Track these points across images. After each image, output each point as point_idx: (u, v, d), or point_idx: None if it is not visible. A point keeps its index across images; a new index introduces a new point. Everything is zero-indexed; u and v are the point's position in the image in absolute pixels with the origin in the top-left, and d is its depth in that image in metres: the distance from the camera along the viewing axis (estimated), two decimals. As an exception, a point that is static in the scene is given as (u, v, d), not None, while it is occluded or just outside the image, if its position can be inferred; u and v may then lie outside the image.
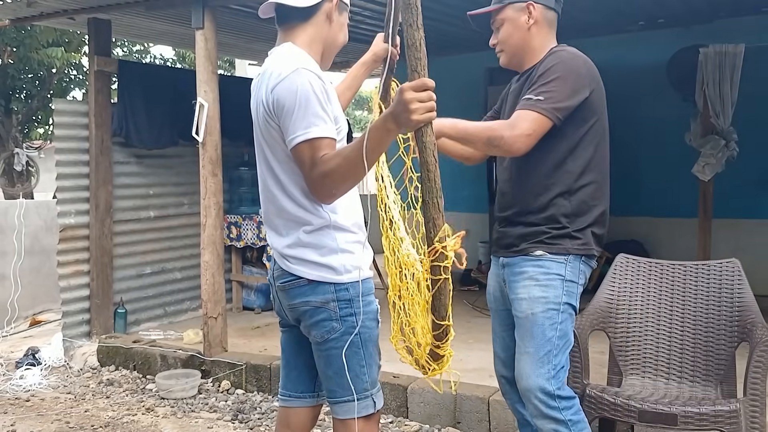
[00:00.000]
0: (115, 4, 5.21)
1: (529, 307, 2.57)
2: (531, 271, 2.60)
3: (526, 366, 2.55)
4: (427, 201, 1.87)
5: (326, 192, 2.03)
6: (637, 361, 3.30)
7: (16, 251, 7.10)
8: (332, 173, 1.97)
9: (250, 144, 2.32)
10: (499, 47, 2.75)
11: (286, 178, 2.14)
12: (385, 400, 4.33)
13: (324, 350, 2.18)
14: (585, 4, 5.34)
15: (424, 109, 1.81)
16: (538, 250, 2.61)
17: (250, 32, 6.19)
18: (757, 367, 2.78)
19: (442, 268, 1.90)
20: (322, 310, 2.15)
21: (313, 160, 1.99)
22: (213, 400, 4.74)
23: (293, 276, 2.18)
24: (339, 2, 2.22)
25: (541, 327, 2.55)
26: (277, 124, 2.07)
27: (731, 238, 6.41)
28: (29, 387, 5.12)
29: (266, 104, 2.09)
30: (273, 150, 2.14)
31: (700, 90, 5.55)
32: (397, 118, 1.84)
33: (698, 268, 3.34)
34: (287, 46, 2.18)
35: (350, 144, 1.97)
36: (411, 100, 1.79)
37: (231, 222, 6.58)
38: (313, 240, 2.14)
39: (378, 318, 2.26)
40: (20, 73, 10.53)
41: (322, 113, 2.01)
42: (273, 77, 2.07)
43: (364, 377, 2.19)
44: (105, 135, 5.78)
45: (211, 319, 5.08)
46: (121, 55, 12.06)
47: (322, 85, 2.05)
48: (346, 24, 2.29)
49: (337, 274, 2.14)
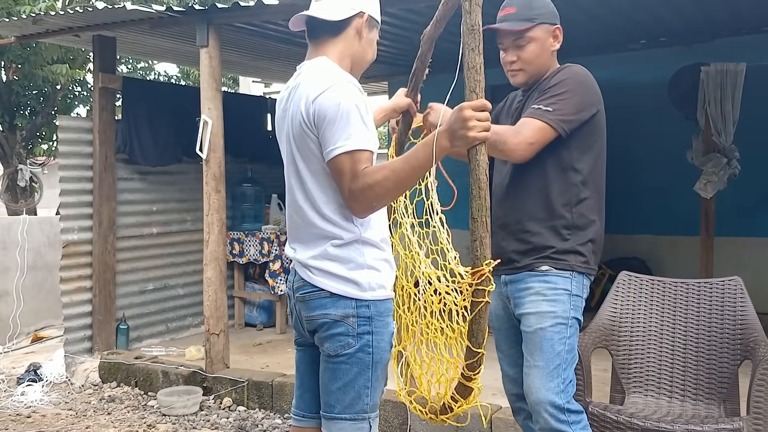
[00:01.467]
0: (120, 21, 5.25)
1: (538, 322, 2.56)
2: (537, 287, 2.60)
3: (536, 380, 2.54)
4: (476, 219, 1.89)
5: (366, 205, 2.02)
6: (639, 379, 3.29)
7: (19, 267, 7.11)
8: (377, 186, 1.97)
9: (254, 161, 2.34)
10: (520, 65, 2.67)
11: (318, 191, 2.12)
12: (387, 417, 4.32)
13: (333, 363, 2.15)
14: (587, 23, 5.37)
15: (481, 128, 1.89)
16: (543, 266, 2.60)
17: (254, 50, 6.23)
18: (761, 386, 2.77)
19: (486, 292, 1.91)
20: (340, 324, 2.12)
21: (354, 172, 1.98)
22: (215, 417, 4.73)
23: (315, 287, 2.15)
24: (370, 18, 2.22)
25: (550, 341, 2.54)
26: (316, 136, 2.06)
27: (733, 256, 6.40)
28: (30, 403, 5.11)
29: (305, 115, 2.07)
30: (308, 163, 2.13)
31: (702, 108, 5.57)
32: (453, 135, 1.91)
33: (701, 286, 3.34)
34: (322, 60, 2.19)
35: (398, 158, 2.00)
36: (470, 118, 1.87)
37: (234, 238, 6.59)
38: (340, 253, 2.13)
39: (393, 341, 2.24)
40: (25, 89, 10.56)
41: (363, 126, 2.02)
42: (314, 89, 2.07)
43: (366, 399, 2.16)
44: (109, 151, 5.80)
45: (213, 335, 5.08)
46: (126, 72, 12.13)
47: (364, 99, 2.07)
48: (375, 41, 2.28)
49: (361, 290, 2.13)
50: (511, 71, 2.71)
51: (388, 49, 6.03)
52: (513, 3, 2.64)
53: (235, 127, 5.36)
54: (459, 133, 1.89)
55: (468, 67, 1.89)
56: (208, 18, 4.92)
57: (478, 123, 1.88)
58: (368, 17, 2.22)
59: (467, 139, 1.89)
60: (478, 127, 1.88)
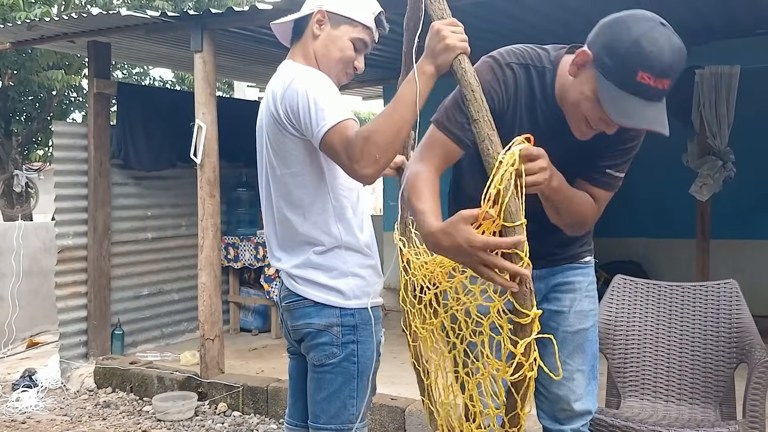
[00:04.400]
0: (115, 27, 5.25)
1: (580, 322, 2.31)
2: (578, 282, 2.33)
3: (581, 386, 2.31)
4: (477, 119, 1.71)
5: (370, 160, 1.89)
6: (635, 382, 3.29)
7: (14, 272, 7.09)
8: (373, 135, 1.88)
9: (248, 165, 2.32)
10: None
11: (301, 193, 2.10)
12: (383, 422, 4.30)
13: (318, 373, 2.14)
14: (582, 27, 5.37)
15: (458, 38, 1.80)
16: (587, 256, 2.35)
17: (248, 55, 6.23)
18: (756, 389, 2.77)
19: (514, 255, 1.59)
20: (324, 333, 2.10)
21: (345, 139, 1.92)
22: (210, 422, 4.71)
23: (299, 297, 2.13)
24: (330, 14, 2.17)
25: (590, 342, 2.34)
26: (297, 133, 2.04)
27: (729, 258, 6.41)
28: (25, 409, 5.09)
29: (278, 116, 2.06)
30: (289, 166, 2.10)
31: (697, 111, 5.58)
32: (432, 53, 1.83)
33: (696, 290, 3.34)
34: (286, 63, 2.19)
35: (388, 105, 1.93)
36: (443, 28, 1.80)
37: (228, 243, 6.58)
38: (323, 261, 2.11)
39: (380, 351, 2.21)
40: (20, 95, 10.56)
41: (333, 103, 1.98)
42: (278, 90, 2.07)
43: (352, 408, 2.13)
44: (104, 157, 5.79)
45: (208, 340, 5.07)
46: (121, 77, 12.11)
47: (326, 79, 2.06)
48: (344, 38, 2.19)
49: (345, 299, 2.11)
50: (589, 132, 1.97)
51: (382, 53, 6.03)
52: (671, 75, 1.76)
53: (230, 131, 5.35)
54: (438, 47, 1.81)
55: (429, 2, 1.85)
56: (203, 23, 4.92)
57: (453, 33, 1.80)
58: (326, 13, 2.17)
59: (448, 49, 1.79)
60: (454, 36, 1.79)
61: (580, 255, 2.31)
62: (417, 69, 1.86)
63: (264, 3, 4.61)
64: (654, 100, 1.75)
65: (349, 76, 2.28)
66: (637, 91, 1.72)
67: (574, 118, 1.94)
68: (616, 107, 1.75)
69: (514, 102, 2.02)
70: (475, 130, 1.70)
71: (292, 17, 2.21)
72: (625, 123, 1.77)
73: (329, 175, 2.12)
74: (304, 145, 2.07)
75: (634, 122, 1.76)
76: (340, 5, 2.17)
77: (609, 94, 1.75)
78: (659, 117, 1.77)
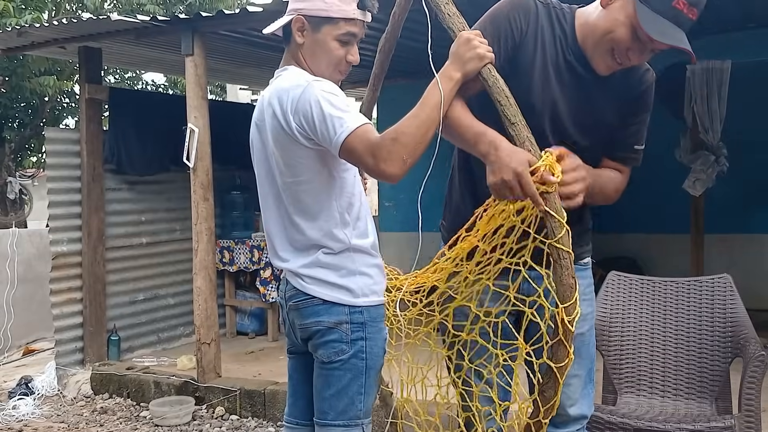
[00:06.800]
0: (106, 32, 5.24)
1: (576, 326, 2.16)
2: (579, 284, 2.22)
3: (577, 391, 2.30)
4: (515, 123, 1.89)
5: (398, 160, 1.92)
6: (631, 379, 3.29)
7: (9, 280, 7.07)
8: (401, 136, 1.93)
9: (242, 168, 2.31)
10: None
11: (312, 201, 2.11)
12: (382, 422, 4.30)
13: (327, 370, 2.15)
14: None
15: (486, 48, 1.96)
16: (586, 256, 2.36)
17: (240, 57, 6.22)
18: (752, 383, 2.78)
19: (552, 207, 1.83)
20: (334, 331, 2.12)
21: (367, 142, 1.94)
22: (207, 426, 4.71)
23: (308, 295, 2.15)
24: (308, 19, 2.14)
25: (587, 346, 2.33)
26: (312, 141, 2.04)
27: (723, 253, 6.42)
28: (22, 417, 5.07)
29: (289, 128, 2.05)
30: (296, 173, 2.10)
31: (689, 106, 5.59)
32: (461, 59, 1.96)
33: (690, 284, 3.34)
34: (284, 70, 2.18)
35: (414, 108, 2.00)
36: (473, 38, 1.95)
37: (223, 246, 6.57)
38: (332, 261, 2.13)
39: (385, 347, 2.23)
40: (13, 102, 10.52)
41: (348, 107, 2.01)
42: (287, 101, 2.05)
43: (360, 405, 2.15)
44: (96, 162, 5.78)
45: (205, 344, 5.06)
46: (114, 82, 12.08)
47: (334, 86, 2.08)
48: (327, 39, 2.15)
49: (354, 297, 2.13)
50: (614, 66, 2.07)
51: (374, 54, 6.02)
52: (699, 6, 2.00)
53: (223, 134, 5.34)
54: (467, 55, 1.95)
55: (448, 16, 1.99)
56: (193, 27, 4.91)
57: (480, 43, 1.95)
58: (303, 18, 2.14)
59: (478, 57, 1.94)
60: (483, 46, 1.95)
61: (579, 256, 2.26)
62: (442, 74, 1.98)
63: (254, 5, 4.60)
64: (683, 28, 1.96)
65: (345, 72, 2.26)
66: (671, 15, 1.93)
67: (599, 50, 2.03)
68: (654, 27, 1.91)
69: (534, 34, 2.08)
70: (514, 133, 1.88)
71: (278, 24, 2.19)
72: (660, 40, 1.92)
73: (338, 182, 2.14)
74: (316, 154, 2.07)
75: (669, 40, 1.93)
76: (314, 7, 2.13)
77: (646, 16, 1.91)
78: (687, 42, 1.97)
